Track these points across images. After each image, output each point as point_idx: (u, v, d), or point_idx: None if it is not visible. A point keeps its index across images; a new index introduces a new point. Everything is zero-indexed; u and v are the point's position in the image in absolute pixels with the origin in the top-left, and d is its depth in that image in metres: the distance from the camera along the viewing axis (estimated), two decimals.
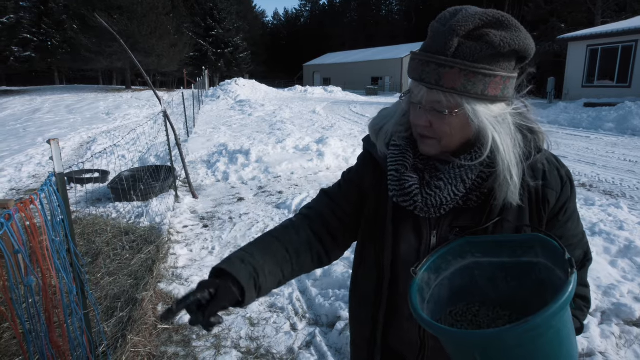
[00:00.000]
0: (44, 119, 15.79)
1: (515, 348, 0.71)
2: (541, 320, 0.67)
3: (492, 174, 0.89)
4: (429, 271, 0.91)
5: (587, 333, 2.69)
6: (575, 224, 0.95)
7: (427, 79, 0.84)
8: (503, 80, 0.85)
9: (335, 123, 13.61)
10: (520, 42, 0.82)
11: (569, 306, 0.73)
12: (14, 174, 7.78)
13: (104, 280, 3.47)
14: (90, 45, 27.73)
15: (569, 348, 0.76)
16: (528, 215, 0.92)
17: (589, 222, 4.19)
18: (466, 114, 0.85)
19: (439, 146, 0.91)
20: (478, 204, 0.92)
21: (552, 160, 0.94)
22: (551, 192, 0.91)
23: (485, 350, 0.73)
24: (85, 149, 10.44)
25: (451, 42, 0.81)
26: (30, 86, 34.60)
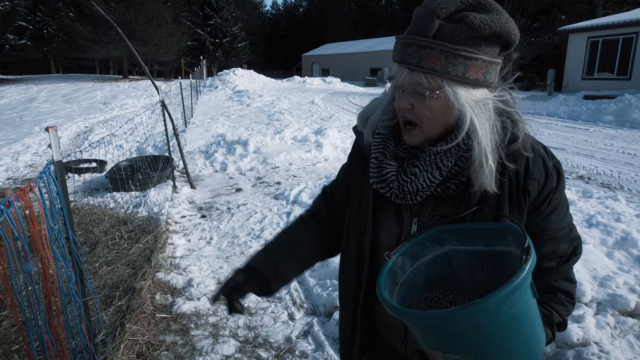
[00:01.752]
0: (40, 108, 15.69)
1: (468, 331, 0.72)
2: (487, 304, 0.68)
3: (468, 160, 0.88)
4: (405, 256, 0.92)
5: (582, 323, 2.71)
6: (561, 216, 0.94)
7: (408, 60, 0.85)
8: (485, 65, 0.85)
9: (334, 114, 13.57)
10: (501, 25, 0.82)
11: (528, 294, 0.74)
12: (11, 163, 7.75)
13: (102, 269, 3.48)
14: (86, 34, 27.48)
15: (528, 337, 0.76)
16: (507, 205, 0.91)
17: (587, 214, 4.20)
18: (447, 97, 0.85)
19: (421, 135, 0.92)
20: (458, 192, 0.92)
21: (540, 151, 0.93)
22: (533, 182, 0.90)
23: (437, 332, 0.75)
24: (82, 138, 10.39)
25: (432, 24, 0.82)
26: (26, 75, 34.33)
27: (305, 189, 5.50)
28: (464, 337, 0.73)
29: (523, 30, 26.72)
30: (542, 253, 0.92)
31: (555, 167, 0.93)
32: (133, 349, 2.61)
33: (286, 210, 5.04)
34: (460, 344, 0.75)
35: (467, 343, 0.74)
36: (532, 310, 0.77)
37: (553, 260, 0.94)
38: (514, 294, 0.69)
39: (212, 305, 3.14)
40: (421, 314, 0.78)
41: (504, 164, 0.88)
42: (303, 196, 5.31)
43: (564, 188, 0.95)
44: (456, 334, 0.73)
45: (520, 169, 0.90)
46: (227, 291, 1.06)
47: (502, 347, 0.74)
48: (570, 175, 6.61)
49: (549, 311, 0.93)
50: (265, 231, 4.52)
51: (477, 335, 0.72)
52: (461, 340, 0.74)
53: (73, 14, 28.39)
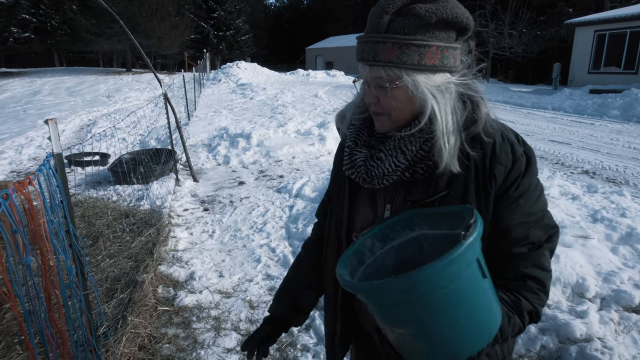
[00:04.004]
0: (44, 101, 15.71)
1: (408, 304, 0.74)
2: (420, 276, 0.69)
3: (432, 142, 0.91)
4: (374, 239, 0.95)
5: (585, 319, 2.69)
6: (531, 202, 0.93)
7: (366, 57, 0.91)
8: (440, 50, 0.89)
9: (338, 107, 13.51)
10: (448, 11, 0.86)
11: (473, 272, 0.75)
12: (14, 156, 7.77)
13: (105, 262, 3.48)
14: (89, 27, 27.39)
15: (472, 316, 0.76)
16: (474, 189, 0.92)
17: (591, 209, 4.17)
18: (407, 85, 0.89)
19: (390, 122, 0.96)
20: (426, 177, 0.96)
21: (509, 137, 0.95)
22: (499, 166, 0.91)
23: (381, 305, 0.78)
24: (85, 131, 10.40)
25: (382, 20, 0.88)
26: (29, 68, 34.36)
27: (308, 183, 5.48)
28: (405, 310, 0.75)
29: (529, 23, 26.53)
30: (511, 238, 0.92)
31: (526, 154, 0.94)
32: (135, 341, 2.61)
33: (289, 204, 5.02)
34: (402, 318, 0.77)
35: (409, 316, 0.76)
36: (479, 289, 0.77)
37: (524, 247, 0.93)
38: (449, 267, 0.70)
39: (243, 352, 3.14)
40: (360, 285, 0.80)
41: (468, 146, 0.90)
42: (306, 189, 5.29)
43: (534, 174, 0.95)
44: (396, 306, 0.75)
45: (486, 153, 0.92)
46: (255, 342, 1.23)
47: (442, 323, 0.75)
48: (575, 169, 6.56)
49: (517, 298, 0.92)
50: (268, 224, 4.51)
51: (417, 309, 0.74)
52: (402, 313, 0.76)
53: (76, 7, 28.30)
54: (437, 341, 0.77)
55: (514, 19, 26.74)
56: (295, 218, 4.57)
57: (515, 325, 0.90)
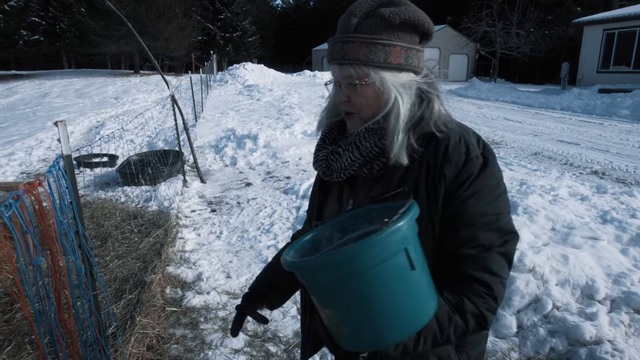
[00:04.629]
0: (53, 103, 15.87)
1: (330, 284, 0.76)
2: (337, 256, 0.72)
3: (385, 134, 0.96)
4: (334, 229, 0.98)
5: (595, 321, 2.67)
6: (482, 203, 0.92)
7: (336, 57, 0.98)
8: (404, 50, 0.96)
9: None
10: (410, 14, 0.93)
11: (398, 262, 0.75)
12: (25, 157, 7.84)
13: (113, 263, 3.51)
14: (98, 29, 27.63)
15: (396, 306, 0.76)
16: (424, 187, 0.94)
17: (601, 210, 4.13)
18: (375, 82, 0.95)
19: (360, 120, 1.01)
20: (382, 174, 1.00)
21: (467, 138, 0.96)
22: (449, 165, 0.92)
23: (308, 284, 0.81)
24: (94, 133, 10.49)
25: (350, 22, 0.96)
26: (39, 70, 34.71)
27: None
28: (330, 290, 0.77)
29: (537, 23, 26.36)
30: (459, 238, 0.92)
31: (484, 156, 0.95)
32: (143, 342, 2.62)
33: (296, 205, 5.03)
34: (328, 298, 0.79)
35: (333, 297, 0.78)
36: (406, 280, 0.77)
37: (472, 248, 0.91)
38: (367, 251, 0.71)
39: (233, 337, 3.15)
40: (290, 262, 0.81)
41: (416, 142, 0.95)
42: None
43: (491, 178, 0.94)
44: (323, 286, 0.78)
45: (439, 152, 0.94)
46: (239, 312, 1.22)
47: (364, 307, 0.75)
48: (584, 170, 6.50)
49: (460, 299, 0.90)
50: (275, 225, 4.52)
51: (340, 290, 0.76)
52: (328, 293, 0.78)
53: (85, 9, 28.56)
54: (360, 325, 0.77)
55: (522, 18, 26.59)
56: (302, 219, 4.57)
57: (457, 326, 0.88)
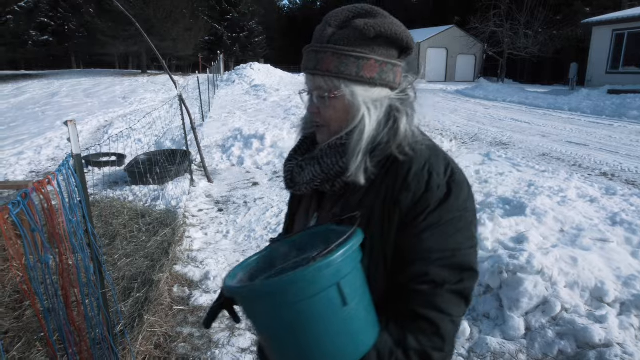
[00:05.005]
0: (62, 102, 16.00)
1: (259, 312, 0.75)
2: (261, 288, 0.72)
3: (346, 150, 0.91)
4: (291, 246, 0.95)
5: (604, 324, 2.64)
6: (437, 238, 0.86)
7: (308, 66, 0.93)
8: (379, 64, 0.90)
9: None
10: (386, 26, 0.88)
11: (328, 298, 0.72)
12: (34, 156, 7.92)
13: (121, 261, 3.53)
14: (106, 30, 27.84)
15: (323, 338, 0.74)
16: (380, 213, 0.89)
17: (610, 212, 4.09)
18: (345, 96, 0.90)
19: (329, 134, 0.96)
20: (342, 193, 0.96)
21: (433, 165, 0.89)
22: (407, 194, 0.86)
23: (243, 309, 0.80)
24: (102, 132, 10.56)
25: (326, 31, 0.91)
26: (48, 70, 35.02)
27: None
28: (259, 318, 0.76)
29: (545, 23, 26.18)
30: (410, 272, 0.87)
31: (448, 185, 0.87)
32: (151, 340, 2.64)
33: None
34: (259, 325, 0.78)
35: (263, 325, 0.77)
36: (337, 316, 0.74)
37: (423, 284, 0.86)
38: (292, 286, 0.69)
39: None
40: (227, 286, 0.79)
41: (372, 163, 0.90)
42: None
43: (452, 210, 0.87)
44: (252, 313, 0.77)
45: (399, 178, 0.88)
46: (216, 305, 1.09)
47: (291, 340, 0.74)
48: (593, 171, 6.45)
49: (404, 335, 0.86)
50: (282, 225, 4.52)
51: (268, 320, 0.75)
52: (257, 320, 0.77)
53: (93, 10, 28.79)
54: (288, 356, 0.76)
55: (530, 18, 26.42)
56: None
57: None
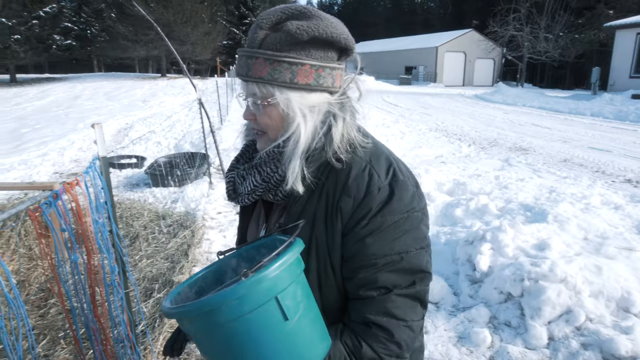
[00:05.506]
0: (84, 105, 16.35)
1: (198, 332, 0.72)
2: (191, 307, 0.68)
3: (283, 158, 0.89)
4: (240, 259, 0.93)
5: (631, 335, 2.57)
6: (381, 242, 0.83)
7: (241, 72, 0.88)
8: (315, 69, 0.85)
9: (368, 112, 13.45)
10: (321, 29, 0.82)
11: (268, 314, 0.69)
12: (57, 158, 8.10)
13: (142, 262, 3.58)
14: (127, 34, 28.45)
15: (265, 356, 0.71)
16: (323, 221, 0.87)
17: (636, 220, 3.99)
18: (280, 103, 0.86)
19: (269, 141, 0.92)
20: (285, 202, 0.94)
21: (373, 167, 0.88)
22: (347, 199, 0.84)
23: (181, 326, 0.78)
24: (122, 135, 10.75)
25: (257, 35, 0.85)
26: (71, 73, 35.86)
27: None
28: (199, 338, 0.74)
29: (566, 27, 25.78)
30: (358, 279, 0.85)
31: (391, 187, 0.85)
32: None
33: None
34: (200, 345, 0.76)
35: (204, 345, 0.75)
36: (278, 332, 0.71)
37: (372, 290, 0.84)
38: (224, 304, 0.66)
39: None
40: (165, 308, 0.76)
41: (309, 170, 0.86)
42: None
43: (394, 212, 0.84)
44: (191, 333, 0.75)
45: (338, 183, 0.86)
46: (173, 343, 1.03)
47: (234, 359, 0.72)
48: (617, 178, 6.31)
49: (359, 343, 0.85)
50: None
51: (208, 340, 0.73)
52: (199, 341, 0.75)
53: (115, 14, 29.43)
54: None
55: (550, 22, 26.04)
56: None
57: None
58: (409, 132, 10.55)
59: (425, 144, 9.02)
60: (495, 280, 3.07)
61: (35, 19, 28.55)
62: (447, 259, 3.60)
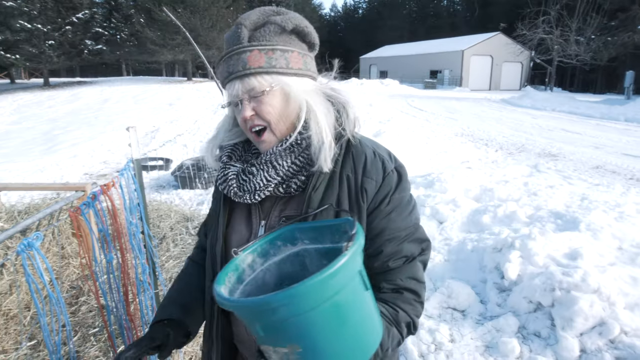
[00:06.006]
0: (112, 108, 16.80)
1: (291, 319, 0.69)
2: (302, 289, 0.66)
3: (308, 148, 0.93)
4: (255, 254, 0.91)
5: None
6: (403, 216, 0.95)
7: (235, 70, 0.91)
8: (301, 56, 0.95)
9: (392, 116, 13.40)
10: (298, 21, 0.93)
11: (356, 285, 0.73)
12: (87, 159, 8.34)
13: (169, 263, 3.64)
14: (155, 38, 29.12)
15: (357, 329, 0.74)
16: (347, 204, 0.93)
17: None
18: (281, 89, 0.92)
19: (273, 136, 0.95)
20: (299, 193, 0.96)
21: (380, 153, 0.98)
22: (370, 181, 0.93)
23: (262, 322, 0.72)
24: (149, 137, 10.98)
25: (242, 33, 0.91)
26: (100, 77, 36.92)
27: None
28: (288, 326, 0.71)
29: (598, 29, 25.08)
30: (387, 252, 0.93)
31: (397, 170, 0.97)
32: (197, 341, 2.70)
33: None
34: (286, 335, 0.72)
35: (292, 333, 0.71)
36: (363, 302, 0.76)
37: (399, 260, 0.94)
38: (332, 279, 0.67)
39: None
40: (240, 302, 0.75)
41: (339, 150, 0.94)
42: None
43: (405, 190, 0.97)
44: (279, 323, 0.71)
45: (358, 168, 0.94)
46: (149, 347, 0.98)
47: (328, 337, 0.72)
48: None
49: (395, 310, 0.93)
50: None
51: (302, 324, 0.70)
52: (286, 330, 0.71)
53: (144, 19, 30.18)
54: (325, 357, 0.73)
55: (582, 24, 25.40)
56: None
57: (394, 337, 0.90)
58: (434, 136, 10.44)
59: (451, 149, 8.90)
60: (524, 289, 3.00)
61: (68, 25, 29.56)
62: (474, 266, 3.54)
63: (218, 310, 1.04)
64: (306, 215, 0.91)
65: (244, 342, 1.06)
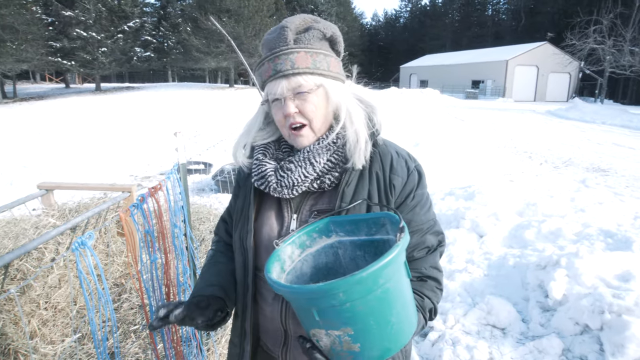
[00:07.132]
0: (158, 113, 17.43)
1: (348, 303, 0.75)
2: (367, 275, 0.71)
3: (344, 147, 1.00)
4: (293, 246, 0.96)
5: None
6: (424, 211, 1.04)
7: (282, 69, 0.96)
8: (337, 62, 1.03)
9: (432, 127, 13.20)
10: (334, 29, 1.02)
11: (402, 272, 0.81)
12: (132, 161, 8.68)
13: None
14: (200, 46, 30.08)
15: (401, 313, 0.82)
16: (378, 198, 1.00)
17: None
18: (324, 90, 0.99)
19: (312, 133, 1.01)
20: (332, 188, 1.02)
21: (402, 153, 1.07)
22: (397, 177, 1.01)
23: (319, 305, 0.77)
24: (192, 142, 11.31)
25: (287, 36, 0.97)
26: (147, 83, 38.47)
27: None
28: (345, 310, 0.76)
29: None
30: (412, 243, 1.00)
31: (417, 169, 1.06)
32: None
33: None
34: (341, 318, 0.77)
35: (347, 317, 0.77)
36: (406, 288, 0.83)
37: (422, 250, 1.03)
38: (389, 267, 0.74)
39: None
40: (307, 288, 0.79)
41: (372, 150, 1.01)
42: None
43: (425, 187, 1.07)
44: (337, 307, 0.76)
45: (385, 165, 1.02)
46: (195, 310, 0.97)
47: (379, 320, 0.78)
48: None
49: (421, 297, 1.01)
50: None
51: (356, 308, 0.76)
52: (342, 314, 0.77)
53: (190, 28, 31.28)
54: (373, 338, 0.80)
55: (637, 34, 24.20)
56: None
57: (419, 322, 0.95)
58: (475, 147, 10.20)
59: (493, 161, 8.66)
60: (570, 309, 2.85)
61: (120, 33, 31.05)
62: (516, 284, 3.41)
63: (252, 302, 1.08)
64: (341, 210, 0.97)
65: (267, 332, 1.10)
